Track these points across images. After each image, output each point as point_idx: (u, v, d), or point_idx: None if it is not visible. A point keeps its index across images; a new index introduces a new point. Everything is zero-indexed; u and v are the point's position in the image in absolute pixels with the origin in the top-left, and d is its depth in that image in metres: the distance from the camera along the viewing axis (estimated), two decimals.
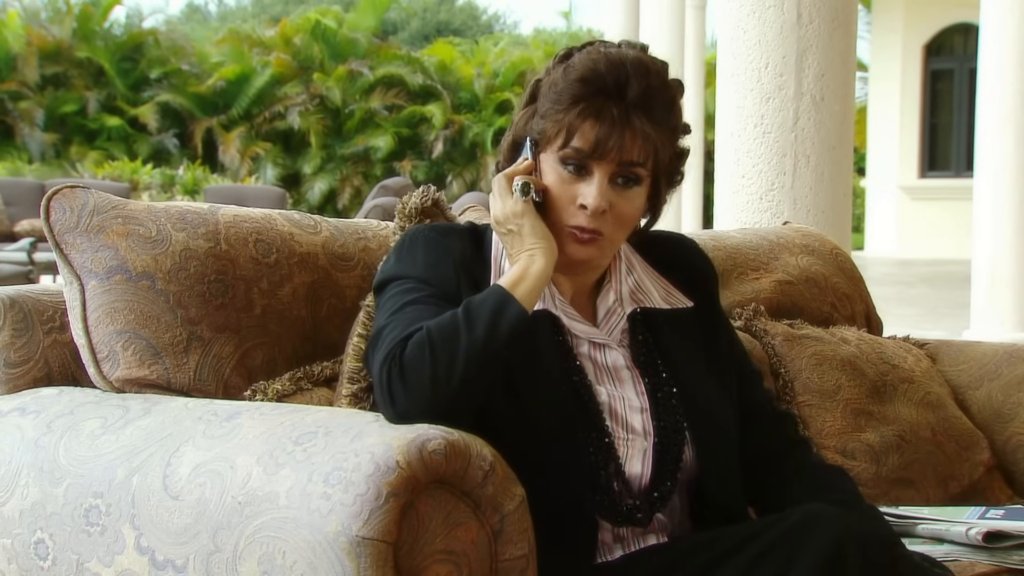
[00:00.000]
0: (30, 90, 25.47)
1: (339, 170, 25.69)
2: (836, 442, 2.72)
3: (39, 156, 24.75)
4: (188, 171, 21.68)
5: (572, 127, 1.99)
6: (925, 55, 20.97)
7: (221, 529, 1.73)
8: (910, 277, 16.73)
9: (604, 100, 1.98)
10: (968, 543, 2.33)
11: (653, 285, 2.17)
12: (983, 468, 2.85)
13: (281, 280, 2.29)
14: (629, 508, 2.02)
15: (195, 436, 1.87)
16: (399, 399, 1.82)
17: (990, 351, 3.06)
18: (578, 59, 2.03)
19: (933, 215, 20.11)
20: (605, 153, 1.98)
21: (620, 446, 2.04)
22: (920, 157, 21.05)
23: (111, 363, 2.16)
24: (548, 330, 2.06)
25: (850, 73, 4.27)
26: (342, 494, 1.63)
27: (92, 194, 2.23)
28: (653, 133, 1.99)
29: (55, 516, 1.95)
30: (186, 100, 26.19)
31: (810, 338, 2.86)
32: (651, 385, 2.10)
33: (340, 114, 26.27)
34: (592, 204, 1.98)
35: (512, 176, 2.04)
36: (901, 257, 19.80)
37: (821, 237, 3.22)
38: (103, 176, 20.78)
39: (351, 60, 26.55)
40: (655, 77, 2.02)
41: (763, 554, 1.83)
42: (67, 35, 26.25)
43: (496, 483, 1.72)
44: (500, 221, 2.02)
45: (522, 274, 1.94)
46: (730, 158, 4.29)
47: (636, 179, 2.02)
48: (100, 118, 25.84)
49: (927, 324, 10.92)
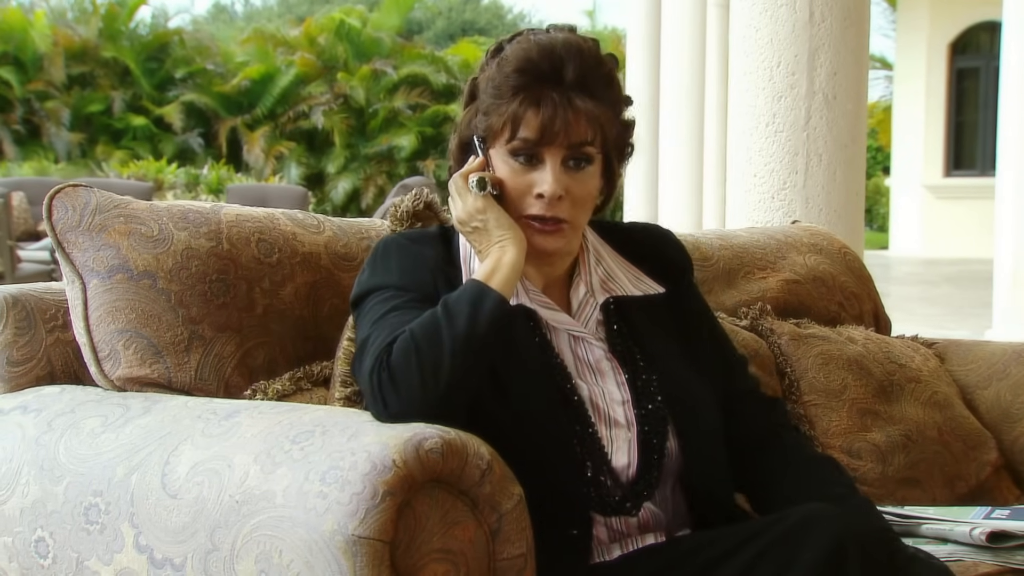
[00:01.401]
0: (56, 90, 25.61)
1: (363, 169, 25.73)
2: (842, 442, 2.71)
3: (65, 156, 24.87)
4: (212, 170, 21.74)
5: (516, 118, 2.00)
6: (951, 53, 20.86)
7: (219, 528, 1.73)
8: (935, 276, 16.66)
9: (543, 86, 2.00)
10: (972, 543, 2.32)
11: (623, 273, 2.18)
12: (990, 468, 2.84)
13: (283, 280, 2.29)
14: (618, 500, 2.02)
15: (194, 435, 1.87)
16: (392, 403, 1.82)
17: (999, 351, 3.04)
18: (510, 51, 2.04)
19: (958, 214, 20.01)
20: (553, 138, 1.99)
21: (604, 439, 2.04)
22: (945, 156, 20.94)
23: (112, 362, 2.16)
24: (525, 325, 2.06)
25: (863, 71, 4.25)
26: (338, 493, 1.63)
27: (94, 193, 2.24)
28: (596, 110, 2.01)
29: (55, 514, 1.96)
30: (211, 100, 26.28)
31: (816, 337, 2.85)
32: (631, 375, 2.10)
33: (364, 113, 26.31)
34: (548, 191, 2.00)
35: (467, 175, 2.05)
36: (926, 256, 19.72)
37: (830, 236, 3.21)
38: (128, 175, 20.85)
39: (375, 59, 26.60)
40: (588, 56, 2.03)
41: (762, 555, 1.82)
42: (93, 35, 26.37)
43: (494, 482, 1.72)
44: (464, 220, 2.04)
45: (495, 265, 1.96)
46: (742, 157, 4.28)
47: (587, 158, 2.04)
48: (126, 118, 25.96)
49: (951, 323, 10.88)
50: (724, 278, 2.93)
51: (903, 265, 18.76)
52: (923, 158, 20.77)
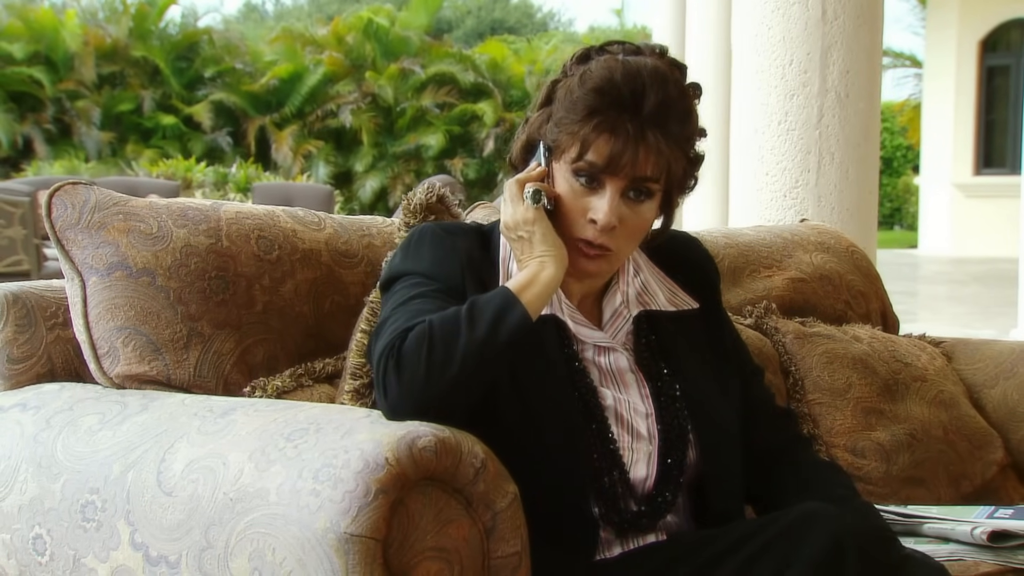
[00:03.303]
0: (87, 89, 25.72)
1: (390, 168, 25.75)
2: (846, 440, 2.70)
3: (95, 155, 24.98)
4: (241, 169, 21.76)
5: (587, 141, 1.96)
6: (981, 51, 20.76)
7: (213, 525, 1.73)
8: (963, 276, 16.59)
9: (619, 114, 1.95)
10: (973, 543, 2.31)
11: (659, 287, 2.17)
12: (996, 467, 2.83)
13: (283, 276, 2.29)
14: (633, 515, 2.02)
15: (190, 432, 1.87)
16: (392, 388, 1.81)
17: (1006, 349, 3.03)
18: (595, 66, 2.00)
19: (988, 213, 19.90)
20: (618, 169, 1.96)
21: (625, 450, 2.03)
22: (975, 154, 20.84)
23: (111, 359, 2.17)
24: (554, 334, 2.05)
25: (875, 69, 4.23)
26: (331, 491, 1.63)
27: (94, 191, 2.24)
28: (667, 149, 1.96)
29: (52, 512, 1.96)
30: (240, 99, 26.35)
31: (821, 336, 2.84)
32: (655, 388, 2.09)
33: (392, 112, 26.34)
34: (602, 220, 1.97)
35: (524, 182, 2.02)
36: (955, 255, 19.63)
37: (837, 234, 3.19)
38: (157, 174, 20.90)
39: (403, 58, 26.62)
40: (673, 87, 1.98)
41: (761, 552, 1.82)
42: (123, 34, 26.47)
43: (488, 480, 1.71)
44: (511, 227, 2.01)
45: (531, 279, 1.94)
46: (754, 155, 4.26)
47: (648, 192, 2.00)
48: (155, 117, 26.05)
49: (977, 323, 10.83)
50: (729, 276, 2.91)
51: (932, 264, 18.68)
52: (953, 156, 20.68)
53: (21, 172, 22.13)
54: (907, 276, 16.61)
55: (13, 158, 24.43)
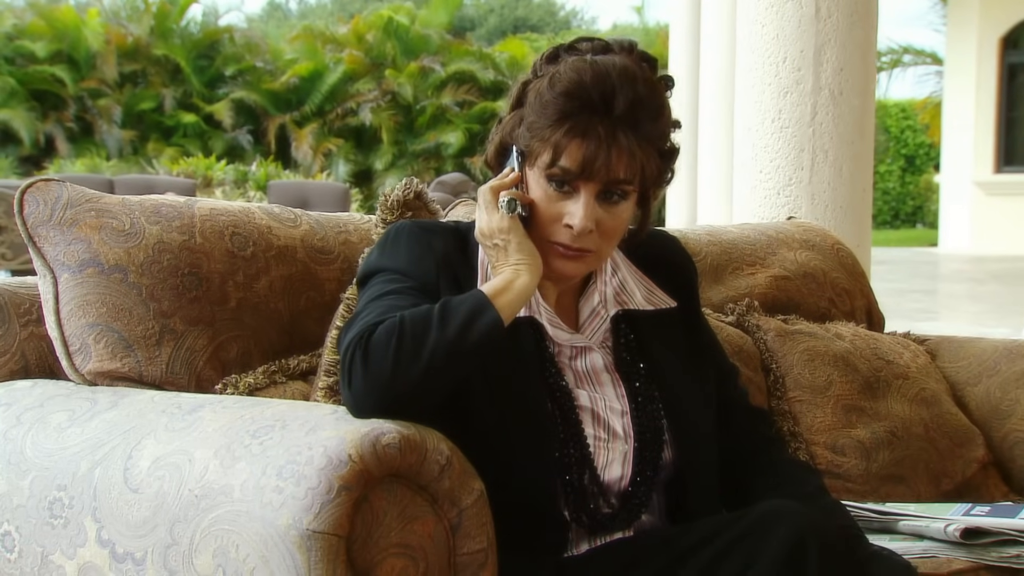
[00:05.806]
0: (109, 87, 25.84)
1: (410, 166, 25.76)
2: (826, 438, 2.70)
3: (117, 152, 25.09)
4: (261, 167, 21.82)
5: (559, 146, 1.95)
6: (1002, 48, 20.66)
7: (178, 522, 1.74)
8: (982, 274, 16.53)
9: (590, 116, 1.94)
10: (946, 539, 2.31)
11: (637, 286, 2.16)
12: (977, 465, 2.82)
13: (257, 273, 2.29)
14: (605, 516, 2.02)
15: (157, 429, 1.88)
16: (357, 379, 1.80)
17: (990, 347, 3.02)
18: (564, 68, 1.98)
19: (1009, 210, 19.82)
20: (592, 174, 1.94)
21: (600, 449, 2.03)
22: (996, 152, 20.75)
23: (83, 356, 2.17)
24: (530, 335, 2.05)
25: (870, 67, 4.21)
26: (294, 487, 1.63)
27: (66, 187, 2.24)
28: (639, 150, 1.95)
29: (21, 508, 1.96)
30: (260, 97, 26.42)
31: (803, 333, 2.84)
32: (632, 387, 2.09)
33: (411, 110, 26.36)
34: (578, 226, 1.96)
35: (498, 190, 2.02)
36: (975, 253, 19.56)
37: (823, 232, 3.18)
38: (177, 172, 20.97)
39: (423, 56, 26.65)
40: (642, 85, 1.97)
41: (727, 548, 1.82)
42: (145, 33, 26.57)
43: (453, 477, 1.71)
44: (486, 235, 2.01)
45: (506, 285, 1.93)
46: (748, 153, 4.24)
47: (623, 194, 1.99)
48: (176, 115, 26.15)
49: (992, 321, 10.79)
50: (711, 274, 2.91)
51: (951, 262, 18.62)
52: (973, 154, 20.59)
53: (43, 170, 22.28)
54: (926, 274, 16.57)
55: (35, 156, 24.56)
